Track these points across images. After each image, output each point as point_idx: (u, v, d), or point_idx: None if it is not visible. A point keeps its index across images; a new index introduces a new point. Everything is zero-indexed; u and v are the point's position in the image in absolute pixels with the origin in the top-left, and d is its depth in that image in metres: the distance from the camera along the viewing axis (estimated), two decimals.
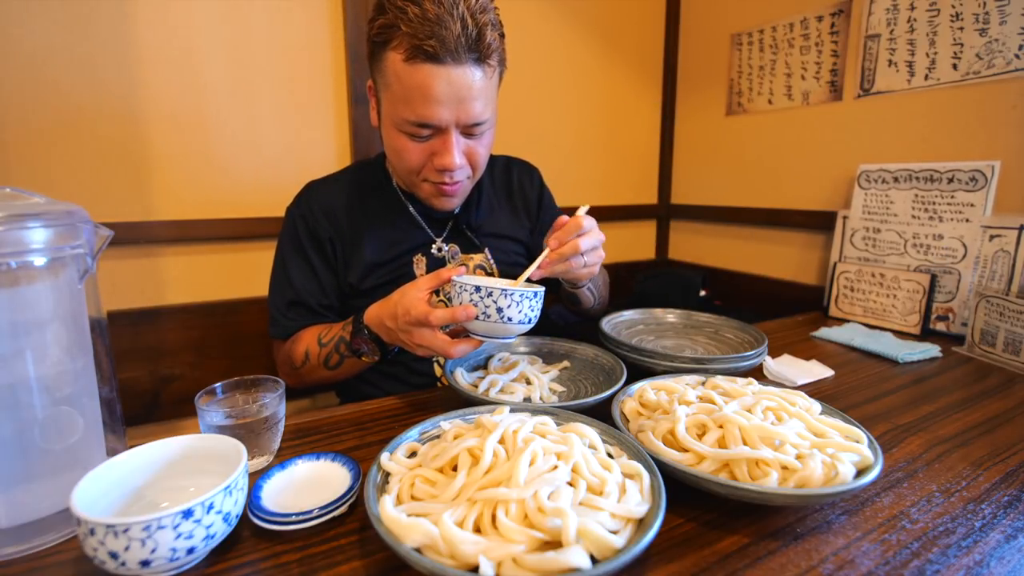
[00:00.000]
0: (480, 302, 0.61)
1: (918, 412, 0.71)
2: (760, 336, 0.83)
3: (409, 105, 0.70)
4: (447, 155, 0.74)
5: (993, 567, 0.42)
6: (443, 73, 0.68)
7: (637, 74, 1.78)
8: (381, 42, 0.70)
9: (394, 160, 0.81)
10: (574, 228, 0.68)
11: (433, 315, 0.61)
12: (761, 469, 0.47)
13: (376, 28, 0.70)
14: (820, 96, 1.36)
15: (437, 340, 0.63)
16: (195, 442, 0.49)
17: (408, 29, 0.66)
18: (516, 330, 0.63)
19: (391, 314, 0.67)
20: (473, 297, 0.61)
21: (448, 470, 0.46)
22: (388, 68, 0.71)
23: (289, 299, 0.85)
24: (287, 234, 0.88)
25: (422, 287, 0.64)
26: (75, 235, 0.49)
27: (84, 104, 1.05)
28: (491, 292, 0.60)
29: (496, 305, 0.61)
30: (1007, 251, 0.98)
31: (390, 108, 0.74)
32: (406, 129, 0.73)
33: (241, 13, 1.16)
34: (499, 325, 0.62)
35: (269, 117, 1.22)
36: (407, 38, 0.67)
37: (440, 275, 0.65)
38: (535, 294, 0.63)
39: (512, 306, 0.61)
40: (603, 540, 0.36)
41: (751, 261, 1.62)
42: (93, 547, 0.37)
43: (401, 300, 0.65)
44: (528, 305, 0.62)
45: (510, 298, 0.61)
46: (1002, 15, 1.02)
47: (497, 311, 0.61)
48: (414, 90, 0.69)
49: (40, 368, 0.47)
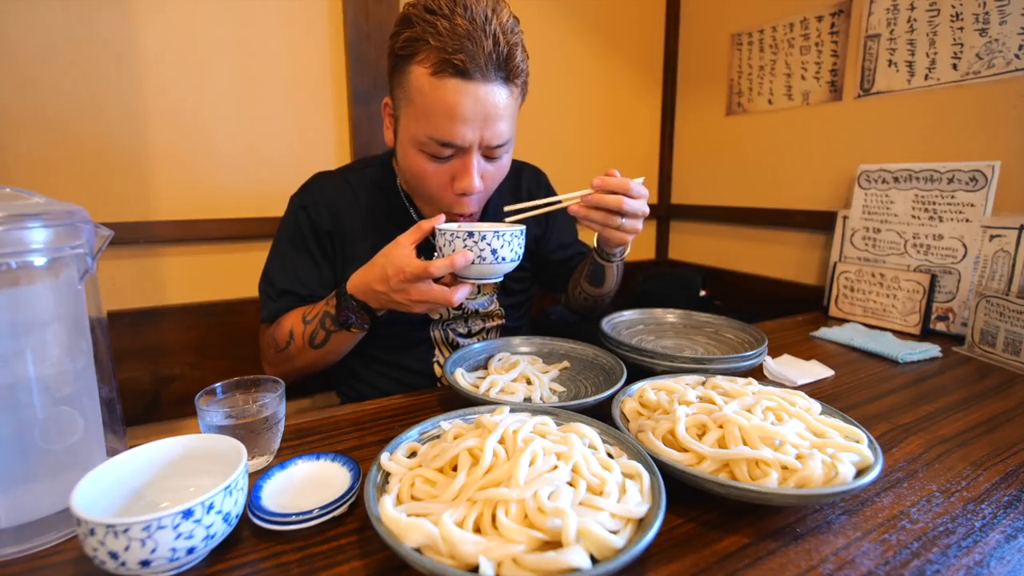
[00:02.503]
0: (475, 246, 0.63)
1: (918, 412, 0.71)
2: (760, 336, 0.83)
3: (432, 122, 0.68)
4: (467, 178, 0.72)
5: (993, 567, 0.42)
6: (470, 90, 0.66)
7: (637, 74, 1.78)
8: (406, 55, 0.68)
9: (412, 183, 0.79)
10: (622, 186, 0.70)
11: (432, 266, 0.62)
12: (761, 469, 0.47)
13: (401, 41, 0.68)
14: (820, 96, 1.36)
15: (434, 291, 0.64)
16: (195, 442, 0.49)
17: (437, 43, 0.64)
18: (508, 268, 0.67)
19: (380, 277, 0.66)
20: (467, 242, 0.63)
21: (448, 470, 0.46)
22: (412, 83, 0.68)
23: (281, 287, 0.85)
24: (288, 222, 0.87)
25: (405, 243, 0.65)
26: (75, 235, 0.49)
27: (84, 104, 1.05)
28: (484, 235, 0.63)
29: (491, 247, 0.63)
30: (1007, 251, 0.98)
31: (411, 125, 0.71)
32: (428, 148, 0.71)
33: (241, 13, 1.16)
34: (493, 266, 0.64)
35: (269, 117, 1.22)
36: (435, 52, 0.65)
37: (422, 227, 0.66)
38: (521, 231, 0.66)
39: (504, 246, 0.64)
40: (603, 540, 0.36)
41: (751, 261, 1.62)
42: (93, 547, 0.37)
43: (389, 261, 0.65)
44: (517, 243, 0.66)
45: (502, 239, 0.64)
46: (1002, 15, 1.02)
47: (492, 252, 0.64)
48: (439, 105, 0.67)
49: (40, 368, 0.47)
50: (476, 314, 0.90)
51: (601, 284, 0.92)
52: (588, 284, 0.94)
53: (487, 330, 0.92)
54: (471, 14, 0.65)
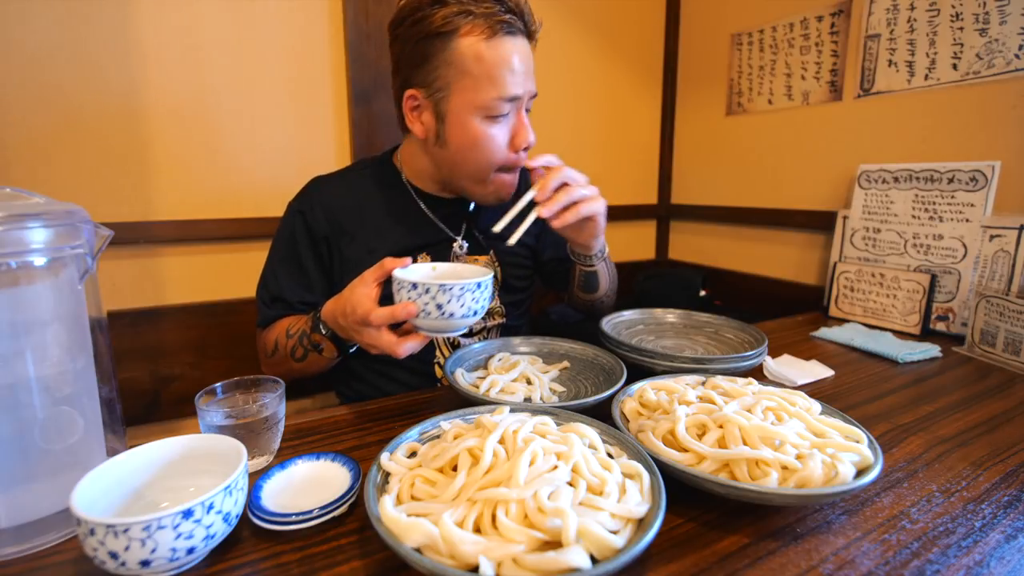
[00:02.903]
0: (419, 299, 0.58)
1: (918, 412, 0.71)
2: (760, 336, 0.83)
3: (496, 82, 0.72)
4: (524, 130, 0.77)
5: (993, 567, 0.42)
6: (519, 45, 0.73)
7: (637, 74, 1.78)
8: (448, 32, 0.71)
9: (472, 155, 0.78)
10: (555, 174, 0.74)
11: (373, 315, 0.59)
12: (761, 469, 0.47)
13: (439, 20, 0.70)
14: (820, 96, 1.36)
15: (383, 339, 0.61)
16: (195, 442, 0.49)
17: (481, 10, 0.70)
18: (460, 324, 0.61)
19: (342, 311, 0.65)
20: (411, 294, 0.59)
21: (448, 470, 0.46)
22: (464, 54, 0.72)
23: (273, 294, 0.85)
24: (284, 228, 0.88)
25: (369, 281, 0.62)
26: (75, 235, 0.49)
27: (84, 104, 1.05)
28: (428, 288, 0.58)
29: (435, 301, 0.58)
30: (1007, 251, 0.98)
31: (470, 96, 0.73)
32: (492, 111, 0.74)
33: (241, 13, 1.16)
34: (440, 322, 0.59)
35: (269, 117, 1.22)
36: (482, 19, 0.70)
37: (383, 266, 0.62)
38: (478, 285, 0.60)
39: (452, 301, 0.58)
40: (603, 540, 0.36)
41: (751, 261, 1.62)
42: (93, 547, 0.37)
43: (350, 297, 0.63)
44: (471, 298, 0.59)
45: (449, 293, 0.58)
46: (1002, 15, 1.02)
47: (437, 307, 0.58)
48: (501, 65, 0.72)
49: (40, 368, 0.47)
50: None
51: (595, 290, 0.93)
52: (582, 292, 0.95)
53: (488, 329, 0.92)
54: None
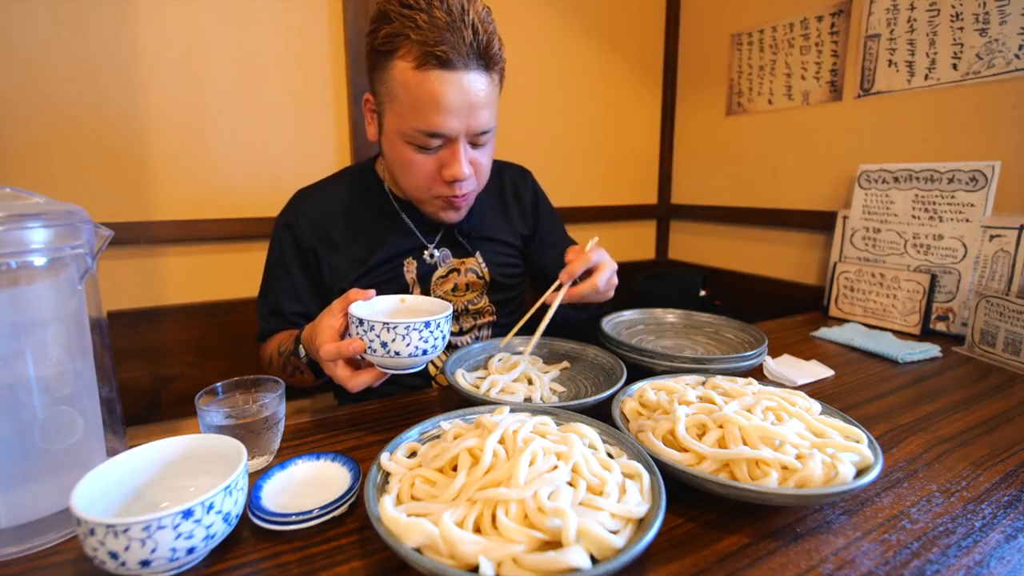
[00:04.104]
0: (365, 336, 0.58)
1: (918, 412, 0.71)
2: (760, 336, 0.83)
3: (419, 114, 0.69)
4: (456, 165, 0.73)
5: (993, 567, 0.42)
6: (454, 80, 0.67)
7: (637, 74, 1.78)
8: (387, 51, 0.69)
9: (401, 175, 0.78)
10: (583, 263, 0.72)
11: (323, 350, 0.59)
12: (761, 469, 0.47)
13: (381, 37, 0.68)
14: (820, 96, 1.36)
15: (336, 372, 0.61)
16: (195, 442, 0.49)
17: (418, 36, 0.65)
18: (409, 363, 0.60)
19: (309, 339, 0.65)
20: (359, 330, 0.58)
21: (448, 470, 0.46)
22: (395, 78, 0.69)
23: (270, 307, 0.86)
24: (273, 243, 0.89)
25: (335, 312, 0.62)
26: (75, 235, 0.49)
27: (84, 104, 1.05)
28: (373, 326, 0.57)
29: (380, 339, 0.57)
30: (1007, 251, 0.98)
31: (396, 120, 0.72)
32: (415, 140, 0.72)
33: (241, 14, 1.16)
34: (387, 359, 0.58)
35: (269, 117, 1.22)
36: (417, 45, 0.65)
37: (348, 297, 0.62)
38: (426, 324, 0.58)
39: (397, 340, 0.57)
40: (603, 540, 0.36)
41: (751, 261, 1.62)
42: (93, 547, 0.37)
43: (316, 326, 0.63)
44: (418, 337, 0.58)
45: (393, 332, 0.57)
46: (1002, 15, 1.02)
47: (382, 345, 0.57)
48: (425, 98, 0.68)
49: (40, 368, 0.47)
50: (467, 312, 0.91)
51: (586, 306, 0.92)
52: (573, 310, 0.94)
53: (479, 327, 0.92)
54: (447, 6, 0.65)
